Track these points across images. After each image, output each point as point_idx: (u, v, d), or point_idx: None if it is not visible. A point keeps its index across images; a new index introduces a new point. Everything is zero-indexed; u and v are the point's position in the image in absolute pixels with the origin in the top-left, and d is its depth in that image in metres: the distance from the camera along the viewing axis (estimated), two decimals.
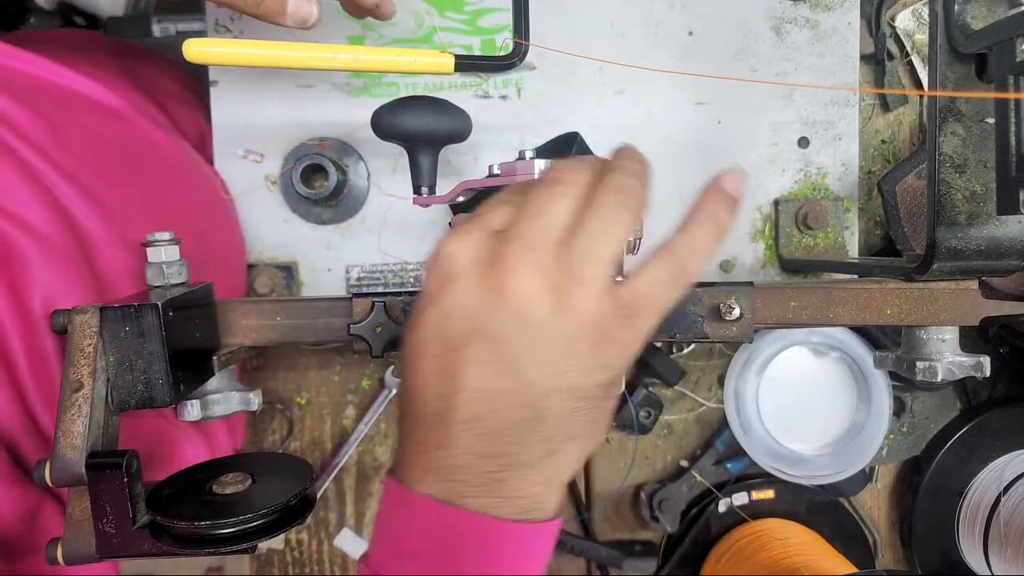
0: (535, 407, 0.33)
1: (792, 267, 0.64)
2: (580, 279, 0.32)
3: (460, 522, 0.33)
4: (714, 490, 0.67)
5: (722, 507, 0.67)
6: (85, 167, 0.48)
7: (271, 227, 0.64)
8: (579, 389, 0.33)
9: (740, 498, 0.67)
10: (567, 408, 0.33)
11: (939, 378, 0.46)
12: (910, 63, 0.65)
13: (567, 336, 0.32)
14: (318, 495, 0.68)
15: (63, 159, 0.47)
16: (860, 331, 0.64)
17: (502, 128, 0.63)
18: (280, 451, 0.68)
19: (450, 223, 0.63)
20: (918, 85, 0.65)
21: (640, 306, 0.33)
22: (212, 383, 0.49)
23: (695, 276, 0.34)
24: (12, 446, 0.42)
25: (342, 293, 0.65)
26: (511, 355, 0.32)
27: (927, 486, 0.66)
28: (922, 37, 0.64)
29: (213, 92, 0.63)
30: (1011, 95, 0.36)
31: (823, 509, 0.67)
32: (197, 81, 0.69)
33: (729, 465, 0.67)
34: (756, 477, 0.68)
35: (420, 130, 0.47)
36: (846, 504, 0.68)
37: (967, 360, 0.47)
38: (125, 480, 0.38)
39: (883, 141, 0.67)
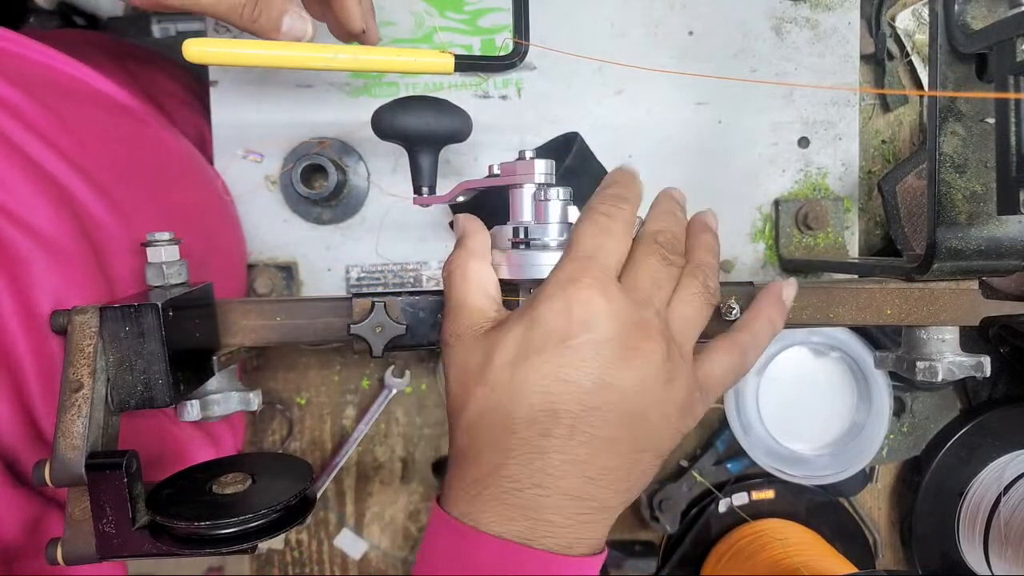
0: (632, 459, 0.36)
1: (792, 267, 0.64)
2: (685, 356, 0.37)
3: (536, 561, 0.34)
4: (714, 490, 0.67)
5: (722, 507, 0.67)
6: (97, 162, 0.48)
7: (271, 227, 0.64)
8: (662, 450, 0.37)
9: (740, 498, 0.67)
10: (651, 465, 0.37)
11: (939, 378, 0.46)
12: (910, 63, 0.65)
13: (671, 403, 0.36)
14: (318, 495, 0.67)
15: (75, 153, 0.46)
16: (860, 331, 0.64)
17: (502, 128, 0.63)
18: (280, 451, 0.68)
19: (450, 223, 0.63)
20: (918, 85, 0.65)
21: (712, 388, 0.39)
22: (212, 383, 0.49)
23: (751, 368, 0.41)
24: (14, 454, 0.42)
25: (342, 293, 0.65)
26: (630, 409, 0.35)
27: (927, 486, 0.66)
28: (922, 37, 0.64)
29: (213, 92, 0.63)
30: (1011, 95, 0.36)
31: (823, 509, 0.67)
32: (197, 81, 0.69)
33: (729, 465, 0.67)
34: (756, 477, 0.68)
35: (420, 130, 0.47)
36: (846, 504, 0.68)
37: (967, 360, 0.47)
38: (125, 480, 0.38)
39: (883, 141, 0.67)
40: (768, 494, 0.67)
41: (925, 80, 0.64)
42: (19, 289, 0.41)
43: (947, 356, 0.47)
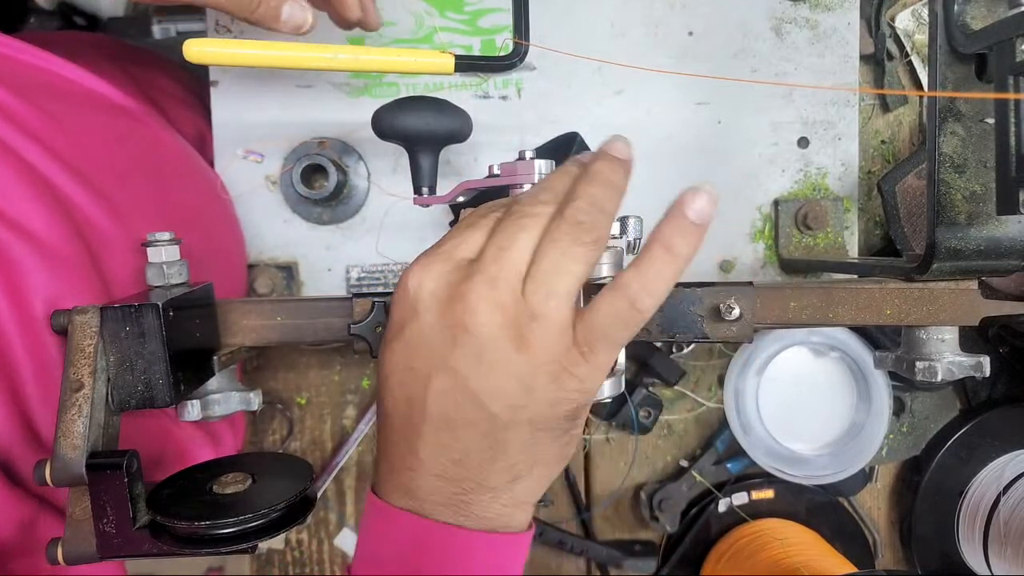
0: (496, 439, 0.34)
1: (792, 267, 0.64)
2: (537, 315, 0.33)
3: (429, 532, 0.35)
4: (714, 490, 0.67)
5: (722, 507, 0.67)
6: (93, 164, 0.48)
7: (271, 227, 0.64)
8: (539, 421, 0.34)
9: (740, 498, 0.67)
10: (528, 439, 0.35)
11: (939, 378, 0.46)
12: (910, 63, 0.65)
13: (526, 372, 0.33)
14: (318, 495, 0.68)
15: (70, 156, 0.46)
16: (860, 331, 0.64)
17: (502, 128, 0.63)
18: (280, 451, 0.68)
19: (451, 223, 0.63)
20: (918, 85, 0.65)
21: (595, 342, 0.34)
22: (212, 383, 0.49)
23: (649, 312, 0.34)
24: (9, 456, 0.42)
25: (342, 293, 0.65)
26: (472, 389, 0.33)
27: (927, 486, 0.66)
28: (922, 37, 0.64)
29: (213, 92, 0.63)
30: (1011, 96, 0.36)
31: (823, 509, 0.67)
32: (197, 81, 0.69)
33: (729, 465, 0.67)
34: (756, 477, 0.68)
35: (420, 130, 0.47)
36: (846, 504, 0.69)
37: (967, 360, 0.47)
38: (125, 480, 0.38)
39: (883, 141, 0.67)
40: (768, 494, 0.67)
41: (925, 80, 0.64)
42: (14, 292, 0.41)
43: (947, 356, 0.47)
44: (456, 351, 0.33)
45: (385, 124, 0.47)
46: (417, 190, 0.49)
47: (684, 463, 0.69)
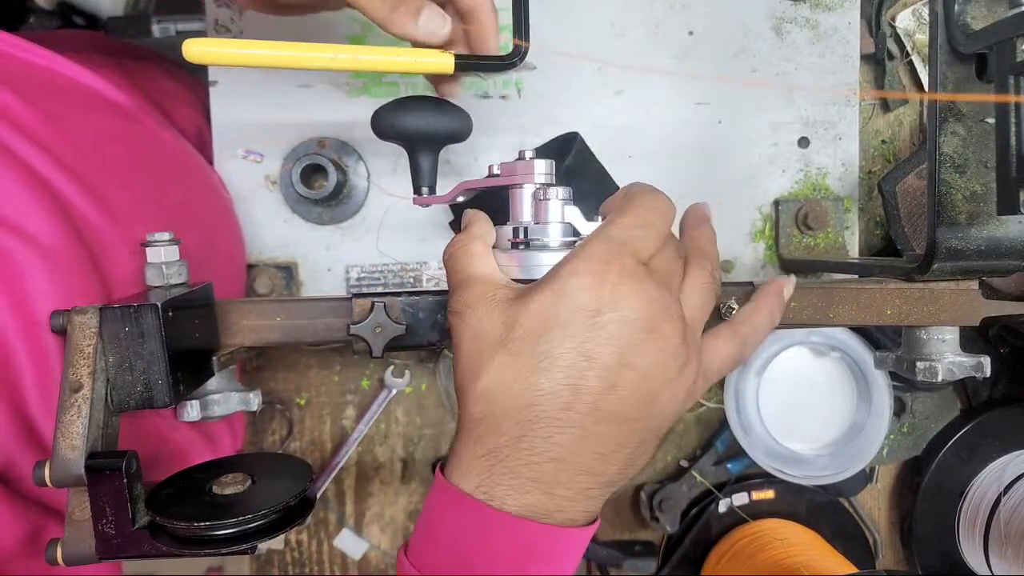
0: (641, 439, 0.36)
1: (792, 267, 0.64)
2: (696, 342, 0.38)
3: (545, 538, 0.35)
4: (714, 490, 0.67)
5: (722, 507, 0.67)
6: (92, 165, 0.47)
7: (271, 227, 0.64)
8: (663, 430, 0.38)
9: (740, 498, 0.67)
10: (653, 444, 0.38)
11: (939, 378, 0.46)
12: (910, 63, 0.65)
13: (680, 387, 0.37)
14: (318, 495, 0.68)
15: (69, 157, 0.46)
16: (860, 331, 0.64)
17: (502, 128, 0.63)
18: (280, 451, 0.68)
19: (451, 224, 0.63)
20: (918, 85, 0.65)
21: (711, 374, 0.40)
22: (212, 383, 0.49)
23: (746, 359, 0.44)
24: (11, 466, 0.41)
25: (342, 293, 0.65)
26: (647, 390, 0.35)
27: (927, 486, 0.66)
28: (922, 37, 0.64)
29: (213, 92, 0.63)
30: (1011, 98, 0.36)
31: (823, 509, 0.67)
32: (197, 81, 0.69)
33: (729, 465, 0.67)
34: (756, 477, 0.68)
35: (420, 130, 0.47)
36: (846, 504, 0.68)
37: (967, 360, 0.47)
38: (125, 481, 0.38)
39: (883, 141, 0.67)
40: (768, 494, 0.67)
41: (925, 80, 0.64)
42: (16, 298, 0.41)
43: (947, 356, 0.47)
44: (645, 350, 0.35)
45: (385, 124, 0.47)
46: (417, 190, 0.49)
47: (684, 463, 0.69)
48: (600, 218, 0.39)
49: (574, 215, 0.41)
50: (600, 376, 0.34)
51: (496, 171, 0.44)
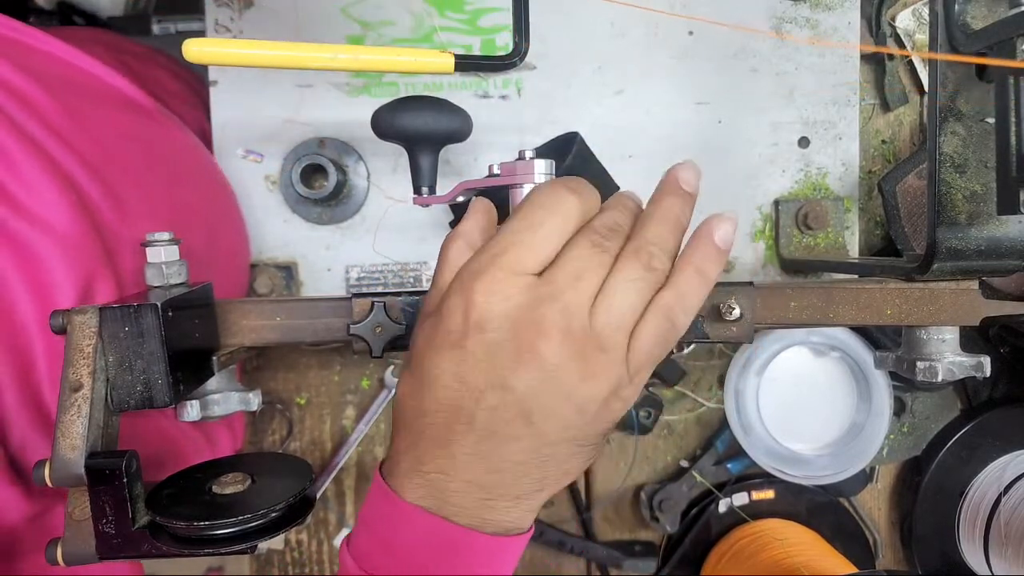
0: (540, 454, 0.35)
1: (792, 267, 0.64)
2: (606, 348, 0.33)
3: (446, 533, 0.35)
4: (714, 490, 0.67)
5: (722, 507, 0.67)
6: (109, 162, 0.48)
7: (271, 227, 0.64)
8: (581, 439, 0.35)
9: (740, 498, 0.67)
10: (568, 454, 0.35)
11: (939, 378, 0.46)
12: (910, 63, 0.65)
13: (585, 399, 0.34)
14: (318, 495, 0.67)
15: (88, 152, 0.46)
16: (860, 331, 0.64)
17: (502, 128, 0.63)
18: (280, 451, 0.68)
19: (450, 224, 0.63)
20: (918, 85, 0.65)
21: (641, 366, 0.35)
22: (212, 383, 0.49)
23: (684, 330, 0.36)
24: (26, 452, 0.42)
25: (342, 293, 0.65)
26: (529, 409, 0.34)
27: (927, 486, 0.66)
28: (922, 37, 0.64)
29: (213, 92, 0.63)
30: (1011, 96, 0.36)
31: (823, 509, 0.67)
32: (198, 80, 0.69)
33: (729, 465, 0.67)
34: (756, 477, 0.68)
35: (420, 130, 0.47)
36: (846, 504, 0.68)
37: (967, 360, 0.47)
38: (125, 480, 0.38)
39: (883, 141, 0.67)
40: (768, 494, 0.67)
41: (925, 80, 0.64)
42: (34, 283, 0.41)
43: (947, 356, 0.47)
44: (519, 370, 0.33)
45: (384, 124, 0.47)
46: (417, 190, 0.49)
47: (684, 463, 0.69)
48: None
49: None
50: (475, 399, 0.34)
51: (496, 171, 0.44)
